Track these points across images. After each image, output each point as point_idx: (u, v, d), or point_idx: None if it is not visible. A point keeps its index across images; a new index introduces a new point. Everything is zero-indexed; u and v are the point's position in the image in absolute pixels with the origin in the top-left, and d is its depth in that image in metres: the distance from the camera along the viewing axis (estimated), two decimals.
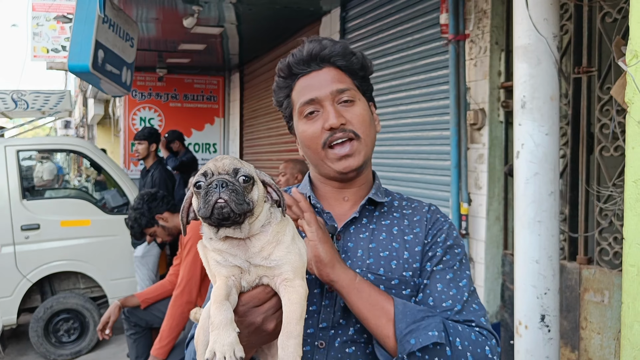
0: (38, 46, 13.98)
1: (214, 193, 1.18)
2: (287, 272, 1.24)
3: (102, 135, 19.48)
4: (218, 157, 1.28)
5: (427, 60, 4.81)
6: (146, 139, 6.68)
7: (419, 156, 4.96)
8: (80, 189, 11.36)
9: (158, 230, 4.51)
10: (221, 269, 1.25)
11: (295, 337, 1.19)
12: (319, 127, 1.51)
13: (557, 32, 2.59)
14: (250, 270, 1.25)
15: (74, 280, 6.59)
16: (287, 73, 1.57)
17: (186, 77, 10.92)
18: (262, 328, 1.28)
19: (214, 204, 1.18)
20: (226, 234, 1.24)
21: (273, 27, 7.53)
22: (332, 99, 1.51)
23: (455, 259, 1.51)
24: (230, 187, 1.19)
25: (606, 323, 3.37)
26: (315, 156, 1.55)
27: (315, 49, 1.53)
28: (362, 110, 1.55)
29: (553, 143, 2.58)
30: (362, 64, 1.58)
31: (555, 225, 2.59)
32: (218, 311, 1.17)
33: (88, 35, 4.81)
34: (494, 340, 1.42)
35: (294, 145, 7.62)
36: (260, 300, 1.27)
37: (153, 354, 3.82)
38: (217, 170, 1.23)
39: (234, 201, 1.18)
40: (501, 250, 4.23)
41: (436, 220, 1.57)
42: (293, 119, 1.61)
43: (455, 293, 1.46)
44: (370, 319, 1.36)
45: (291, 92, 1.58)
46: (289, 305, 1.21)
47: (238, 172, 1.23)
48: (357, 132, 1.51)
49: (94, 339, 6.34)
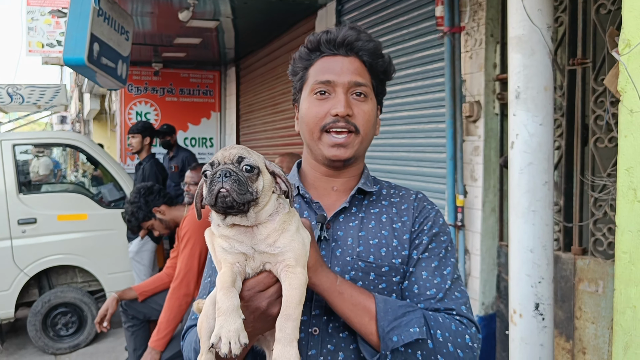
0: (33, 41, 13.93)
1: (217, 182, 1.22)
2: (290, 259, 1.27)
3: (98, 130, 19.45)
4: (228, 146, 1.31)
5: (423, 53, 4.82)
6: (140, 133, 6.69)
7: (414, 149, 4.98)
8: (77, 184, 11.36)
9: (155, 224, 4.52)
10: (227, 255, 1.28)
11: (294, 319, 1.22)
12: (325, 110, 1.52)
13: (550, 22, 2.60)
14: (254, 257, 1.28)
15: (71, 274, 6.60)
16: (314, 47, 1.58)
17: (182, 71, 10.90)
18: (267, 313, 1.30)
19: (217, 193, 1.21)
20: (233, 221, 1.27)
21: (269, 21, 7.52)
22: (347, 88, 1.53)
23: (441, 246, 1.54)
24: (233, 177, 1.22)
25: (600, 313, 3.40)
26: (310, 136, 1.56)
27: (352, 37, 1.54)
28: (370, 110, 1.57)
29: (547, 133, 2.60)
30: (385, 68, 1.61)
31: (549, 215, 2.62)
32: (225, 297, 1.20)
33: (83, 29, 4.81)
34: (474, 328, 1.46)
35: (290, 139, 7.59)
36: (265, 285, 1.29)
37: (151, 346, 3.84)
38: (224, 159, 1.26)
39: (236, 191, 1.21)
40: (497, 241, 4.26)
41: (423, 208, 1.59)
42: (302, 92, 1.62)
43: (440, 281, 1.49)
44: (353, 318, 1.39)
45: (310, 66, 1.59)
46: (289, 290, 1.24)
47: (242, 161, 1.26)
48: (359, 127, 1.53)
49: (91, 333, 6.36)
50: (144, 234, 5.71)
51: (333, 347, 1.46)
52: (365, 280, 1.48)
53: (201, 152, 11.06)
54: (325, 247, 1.52)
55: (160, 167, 6.74)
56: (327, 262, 1.50)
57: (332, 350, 1.46)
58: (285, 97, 8.12)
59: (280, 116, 8.34)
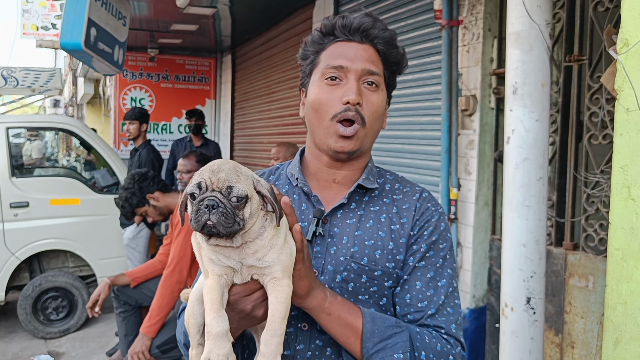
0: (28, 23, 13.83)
1: (204, 213, 1.19)
2: (277, 272, 1.27)
3: (92, 115, 19.34)
4: (215, 164, 1.26)
5: (420, 46, 4.83)
6: (137, 119, 6.65)
7: (409, 141, 4.99)
8: (70, 168, 11.32)
9: (149, 210, 4.52)
10: (214, 267, 1.27)
11: (279, 335, 1.24)
12: (337, 97, 1.47)
13: (549, 19, 2.61)
14: (242, 271, 1.28)
15: (62, 258, 6.60)
16: (328, 31, 1.54)
17: (178, 57, 10.85)
18: (251, 315, 1.31)
19: (203, 224, 1.20)
20: (217, 242, 1.26)
21: (266, 9, 7.49)
22: (360, 75, 1.48)
23: (439, 255, 1.51)
24: (221, 210, 1.19)
25: (590, 307, 3.44)
26: (318, 123, 1.50)
27: (368, 24, 1.50)
28: (379, 101, 1.51)
29: (543, 129, 2.61)
30: (399, 60, 1.57)
31: (542, 210, 2.64)
32: (215, 321, 1.21)
33: (80, 13, 4.78)
34: (459, 347, 1.46)
35: (285, 129, 7.56)
36: (251, 290, 1.30)
37: (142, 332, 3.85)
38: (212, 185, 1.22)
39: (222, 224, 1.19)
40: (489, 235, 4.29)
41: (425, 209, 1.55)
42: (311, 76, 1.56)
43: (433, 294, 1.47)
44: (340, 337, 1.40)
45: (322, 51, 1.54)
46: (275, 304, 1.25)
47: (231, 191, 1.22)
48: (366, 119, 1.47)
49: (82, 317, 6.37)
50: (139, 220, 5.71)
51: (321, 343, 1.46)
52: (357, 282, 1.47)
53: None
54: (320, 243, 1.49)
55: (156, 154, 6.72)
56: (321, 258, 1.48)
57: (320, 345, 1.46)
58: (280, 86, 8.10)
59: (276, 105, 8.32)
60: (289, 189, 1.60)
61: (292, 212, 1.34)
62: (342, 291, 1.46)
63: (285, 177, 1.64)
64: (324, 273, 1.47)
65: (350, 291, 1.47)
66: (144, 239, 6.14)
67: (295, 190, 1.59)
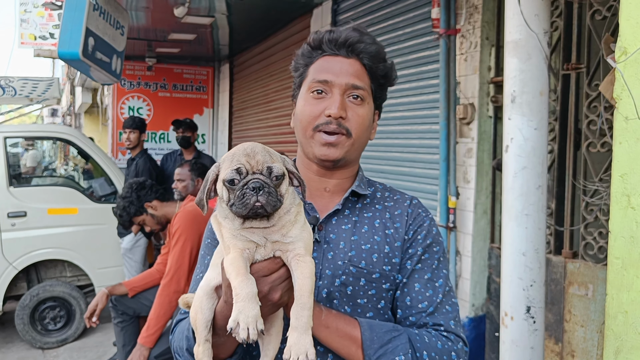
0: (25, 33, 13.86)
1: (252, 196, 1.24)
2: (300, 248, 1.30)
3: (90, 124, 19.33)
4: (247, 147, 1.31)
5: (418, 54, 4.84)
6: (138, 128, 6.63)
7: (408, 149, 4.99)
8: (68, 177, 11.30)
9: (147, 219, 4.51)
10: (237, 242, 1.29)
11: (309, 308, 1.25)
12: (320, 109, 1.51)
13: (547, 28, 2.62)
14: (266, 246, 1.30)
15: (60, 268, 6.57)
16: (316, 45, 1.58)
17: (175, 66, 10.86)
18: (268, 297, 1.30)
19: (252, 206, 1.24)
20: (252, 225, 1.29)
21: (264, 19, 7.51)
22: (344, 89, 1.52)
23: (434, 257, 1.55)
24: (267, 190, 1.25)
25: (590, 316, 3.43)
26: (303, 133, 1.56)
27: (353, 38, 1.53)
28: (365, 114, 1.55)
29: (541, 137, 2.61)
30: (386, 73, 1.60)
31: (542, 219, 2.63)
32: (244, 284, 1.21)
33: (78, 23, 4.79)
34: (460, 343, 1.48)
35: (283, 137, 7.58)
36: (270, 270, 1.31)
37: (140, 342, 3.83)
38: (252, 168, 1.27)
39: (270, 204, 1.25)
40: (488, 243, 4.28)
41: (417, 215, 1.59)
42: (300, 88, 1.61)
43: (431, 294, 1.50)
44: (341, 349, 1.41)
45: (311, 64, 1.58)
46: (302, 279, 1.26)
47: (272, 171, 1.27)
48: (351, 131, 1.52)
49: (80, 327, 6.34)
50: (137, 230, 5.68)
51: (322, 349, 1.46)
52: (355, 285, 1.49)
53: None
54: (317, 249, 1.51)
55: (153, 163, 6.70)
56: (319, 264, 1.50)
57: (322, 351, 1.46)
58: (278, 94, 8.11)
59: (273, 114, 8.33)
60: None
61: None
62: (341, 295, 1.48)
63: None
64: (322, 278, 1.49)
65: (349, 295, 1.49)
66: (141, 248, 6.13)
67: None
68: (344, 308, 1.48)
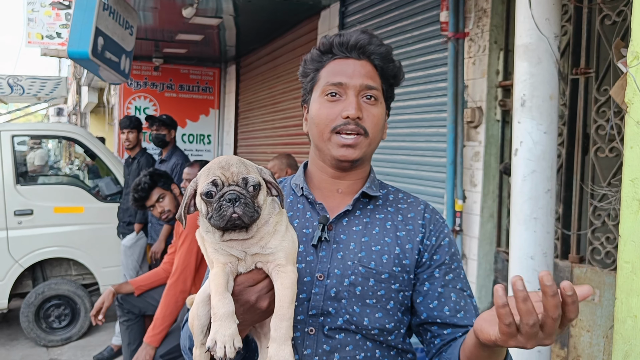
0: (33, 32, 13.90)
1: (228, 207, 1.25)
2: (281, 259, 1.30)
3: (95, 124, 19.40)
4: (222, 160, 1.32)
5: (426, 58, 4.84)
6: (135, 128, 6.55)
7: (414, 152, 4.99)
8: (74, 176, 11.34)
9: (168, 197, 4.45)
10: (219, 256, 1.31)
11: (287, 319, 1.26)
12: (337, 112, 1.53)
13: (558, 32, 2.62)
14: (246, 259, 1.31)
15: (65, 266, 6.60)
16: (326, 49, 1.60)
17: (182, 67, 10.89)
18: (256, 306, 1.33)
19: (228, 217, 1.25)
20: (231, 237, 1.31)
21: (271, 20, 7.53)
22: (358, 90, 1.54)
23: (459, 265, 1.61)
24: (243, 201, 1.25)
25: (596, 321, 3.42)
26: (320, 136, 1.57)
27: (364, 41, 1.56)
28: (379, 113, 1.58)
29: (551, 141, 2.62)
30: (395, 73, 1.63)
31: (550, 223, 2.64)
32: (221, 303, 1.24)
33: (88, 22, 4.81)
34: None
35: (289, 139, 7.55)
36: (255, 280, 1.33)
37: (146, 342, 3.84)
38: (227, 180, 1.28)
39: (247, 214, 1.26)
40: (494, 247, 4.28)
41: (436, 221, 1.62)
42: (312, 93, 1.62)
43: (464, 304, 1.56)
44: None
45: (322, 68, 1.60)
46: (281, 290, 1.28)
47: (247, 182, 1.28)
48: (368, 130, 1.54)
49: (84, 326, 6.36)
50: (138, 229, 5.69)
51: (329, 348, 1.48)
52: (364, 285, 1.50)
53: (199, 149, 11.04)
54: (325, 248, 1.53)
55: (154, 161, 6.63)
56: (327, 263, 1.51)
57: (328, 350, 1.48)
58: (285, 96, 8.12)
59: (280, 115, 8.34)
60: (294, 198, 1.65)
61: None
62: (350, 295, 1.49)
63: (290, 188, 1.69)
64: (330, 277, 1.50)
65: (358, 295, 1.50)
66: (140, 247, 6.11)
67: (299, 199, 1.64)
68: (353, 308, 1.49)
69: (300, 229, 1.56)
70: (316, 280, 1.50)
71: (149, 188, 4.47)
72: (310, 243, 1.54)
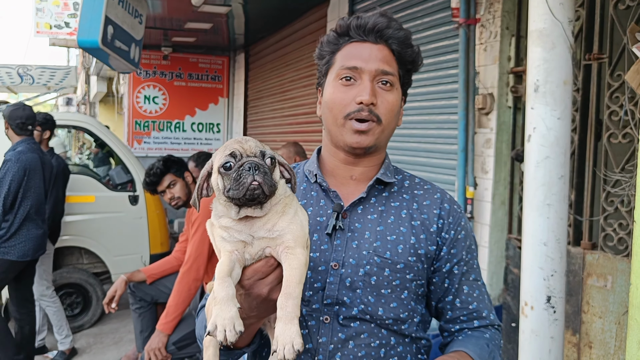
0: (41, 22, 13.89)
1: (248, 175, 1.24)
2: (289, 241, 1.29)
3: (105, 113, 19.43)
4: (238, 138, 1.32)
5: (437, 44, 4.81)
6: (40, 125, 5.63)
7: (426, 140, 4.98)
8: (85, 166, 11.37)
9: (180, 184, 4.44)
10: (226, 244, 1.30)
11: (294, 297, 1.24)
12: (351, 97, 1.50)
13: (572, 16, 2.59)
14: (253, 243, 1.30)
15: (77, 255, 6.63)
16: (343, 32, 1.57)
17: (191, 56, 10.89)
18: (269, 298, 1.32)
19: (248, 185, 1.23)
20: (247, 213, 1.29)
21: (280, 8, 7.50)
22: (374, 75, 1.51)
23: (474, 257, 1.62)
24: (262, 170, 1.25)
25: (608, 307, 3.41)
26: (333, 121, 1.55)
27: (382, 24, 1.52)
28: (394, 100, 1.55)
29: (565, 127, 2.59)
30: (413, 59, 1.59)
31: (564, 209, 2.62)
32: (221, 287, 1.23)
33: (98, 11, 4.81)
34: (500, 328, 1.61)
35: (298, 127, 7.55)
36: (264, 273, 1.31)
37: (159, 329, 3.86)
38: (245, 152, 1.27)
39: (267, 183, 1.25)
40: (505, 234, 4.27)
41: (454, 212, 1.61)
42: (327, 76, 1.60)
43: (478, 294, 1.60)
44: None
45: (337, 51, 1.57)
46: (289, 270, 1.26)
47: (265, 154, 1.28)
48: (381, 117, 1.51)
49: (96, 314, 6.41)
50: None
51: (344, 336, 1.48)
52: (379, 275, 1.49)
53: (208, 137, 11.07)
54: (340, 237, 1.52)
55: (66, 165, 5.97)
56: (342, 252, 1.50)
57: (343, 339, 1.48)
58: (294, 84, 8.10)
59: (289, 103, 8.33)
60: (307, 186, 1.64)
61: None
62: (365, 285, 1.49)
63: (303, 174, 1.67)
64: (345, 266, 1.49)
65: (373, 285, 1.49)
66: None
67: (313, 187, 1.62)
68: (368, 298, 1.49)
69: (314, 217, 1.55)
70: (331, 269, 1.50)
71: (161, 173, 4.43)
72: (324, 231, 1.53)
